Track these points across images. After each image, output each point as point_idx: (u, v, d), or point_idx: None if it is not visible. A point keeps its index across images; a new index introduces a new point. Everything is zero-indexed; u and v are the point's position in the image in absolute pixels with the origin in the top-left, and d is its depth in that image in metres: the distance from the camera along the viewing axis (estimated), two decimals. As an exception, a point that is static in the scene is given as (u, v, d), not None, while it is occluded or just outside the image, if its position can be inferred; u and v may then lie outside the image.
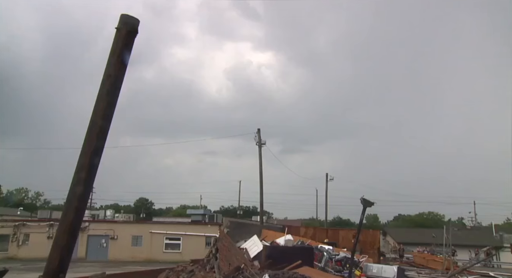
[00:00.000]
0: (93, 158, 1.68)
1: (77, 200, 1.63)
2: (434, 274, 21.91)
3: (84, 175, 1.65)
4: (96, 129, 1.69)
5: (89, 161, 1.66)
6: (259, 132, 36.10)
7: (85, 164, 1.66)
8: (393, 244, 50.96)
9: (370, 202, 11.27)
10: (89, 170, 1.66)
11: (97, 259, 32.63)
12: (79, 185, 1.64)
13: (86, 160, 1.66)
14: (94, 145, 1.68)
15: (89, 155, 1.67)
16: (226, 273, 12.69)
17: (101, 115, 1.72)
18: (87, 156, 1.67)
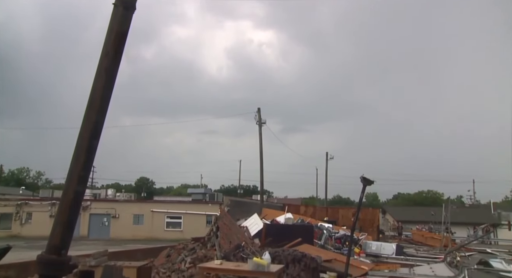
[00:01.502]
0: (93, 136, 1.66)
1: (77, 177, 1.62)
2: (432, 251, 22.17)
3: (83, 153, 1.63)
4: (95, 108, 1.67)
5: (88, 139, 1.64)
6: (259, 111, 36.02)
7: (84, 142, 1.64)
8: (392, 222, 51.43)
9: (370, 180, 11.26)
10: (88, 148, 1.64)
11: (99, 237, 33.00)
12: (78, 163, 1.63)
13: (86, 138, 1.64)
14: (93, 123, 1.65)
15: (88, 133, 1.65)
16: (226, 250, 12.84)
17: (100, 94, 1.69)
18: (86, 134, 1.65)
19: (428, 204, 66.36)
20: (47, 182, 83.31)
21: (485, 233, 35.78)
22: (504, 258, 19.62)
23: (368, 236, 23.08)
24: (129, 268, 8.50)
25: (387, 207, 71.35)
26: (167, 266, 12.74)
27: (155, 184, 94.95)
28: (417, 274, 11.96)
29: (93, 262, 9.49)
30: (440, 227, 30.66)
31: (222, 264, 7.70)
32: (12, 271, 9.82)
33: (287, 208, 25.94)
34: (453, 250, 19.39)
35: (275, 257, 10.52)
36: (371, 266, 13.94)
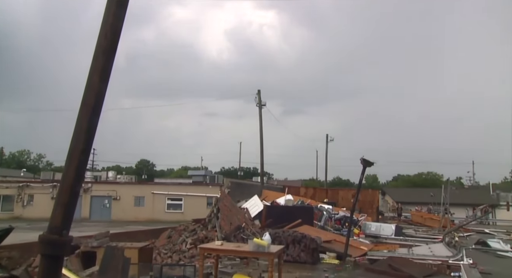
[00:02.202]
0: (92, 116, 1.65)
1: (77, 158, 1.62)
2: (431, 232, 22.38)
3: (83, 134, 1.63)
4: (94, 88, 1.66)
5: (87, 120, 1.64)
6: (259, 93, 35.86)
7: (83, 123, 1.64)
8: (391, 204, 51.75)
9: (370, 162, 11.32)
10: (88, 128, 1.64)
11: (100, 219, 33.24)
12: (78, 144, 1.62)
13: (85, 119, 1.64)
14: (92, 104, 1.65)
15: (87, 113, 1.64)
16: (227, 232, 12.96)
17: (99, 74, 1.68)
18: (85, 115, 1.64)
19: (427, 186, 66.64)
20: (48, 164, 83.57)
21: (484, 213, 36.02)
22: (502, 238, 19.83)
23: (367, 217, 23.27)
24: (131, 249, 8.60)
25: (387, 188, 71.70)
26: (168, 247, 12.88)
27: (155, 166, 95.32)
28: (416, 254, 12.09)
29: (95, 243, 9.60)
30: (439, 208, 30.87)
31: (222, 245, 7.76)
32: (15, 251, 9.92)
33: (287, 189, 26.06)
34: (451, 230, 19.57)
35: (275, 238, 10.63)
36: (370, 246, 14.09)
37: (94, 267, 8.49)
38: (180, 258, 11.39)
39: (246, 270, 9.44)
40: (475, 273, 8.67)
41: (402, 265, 9.77)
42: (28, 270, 8.17)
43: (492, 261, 12.31)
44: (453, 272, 9.49)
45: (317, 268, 10.36)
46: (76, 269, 8.83)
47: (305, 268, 10.19)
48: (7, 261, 9.04)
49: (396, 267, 9.55)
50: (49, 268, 1.63)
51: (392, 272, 9.23)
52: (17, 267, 8.87)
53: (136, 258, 8.51)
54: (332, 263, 10.99)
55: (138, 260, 8.63)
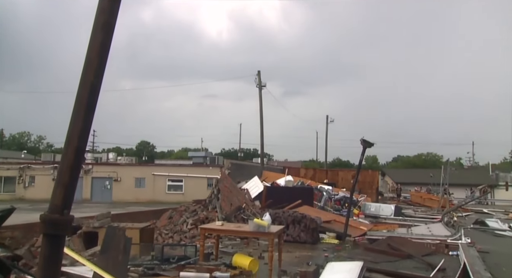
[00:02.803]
0: (91, 95, 1.64)
1: (76, 137, 1.62)
2: (430, 212, 22.54)
3: (82, 113, 1.62)
4: (92, 66, 1.64)
5: (86, 99, 1.63)
6: (259, 74, 35.65)
7: (82, 102, 1.63)
8: (391, 184, 51.99)
9: (370, 142, 11.32)
10: (87, 108, 1.63)
11: (102, 201, 33.43)
12: (77, 123, 1.62)
13: (84, 98, 1.63)
14: (91, 82, 1.63)
15: (86, 92, 1.63)
16: (227, 212, 13.05)
17: (97, 52, 1.66)
18: (84, 94, 1.63)
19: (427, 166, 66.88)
20: (48, 146, 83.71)
21: (483, 193, 36.22)
22: (500, 217, 19.98)
23: (367, 198, 23.41)
24: (132, 230, 8.68)
25: (387, 169, 71.96)
26: (169, 228, 12.99)
27: (155, 147, 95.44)
28: (415, 234, 12.20)
29: (96, 224, 9.69)
30: (438, 189, 31.03)
31: (223, 225, 7.83)
32: (18, 232, 10.02)
33: (287, 170, 26.13)
34: (450, 210, 19.70)
35: (275, 218, 10.71)
36: (369, 226, 14.21)
37: (96, 247, 8.60)
38: (181, 238, 11.50)
39: (246, 250, 9.54)
40: (473, 251, 8.76)
41: (401, 244, 9.87)
42: (31, 250, 8.27)
43: (490, 240, 12.43)
44: (451, 251, 9.59)
45: (317, 247, 10.47)
46: (78, 249, 8.93)
47: (305, 247, 10.29)
48: (10, 241, 9.14)
49: (395, 246, 9.65)
50: (51, 247, 1.65)
51: (391, 252, 9.33)
52: (20, 247, 8.96)
53: (138, 239, 8.60)
54: (331, 243, 11.10)
55: (140, 240, 8.72)
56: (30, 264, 6.91)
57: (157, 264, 7.14)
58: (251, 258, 7.36)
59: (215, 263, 7.41)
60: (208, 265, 7.13)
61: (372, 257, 8.67)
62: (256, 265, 7.23)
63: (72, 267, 6.22)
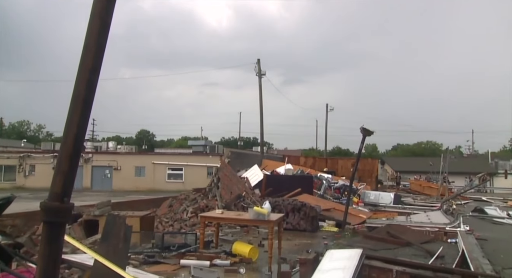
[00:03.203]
0: (90, 82, 1.63)
1: (75, 126, 1.61)
2: (429, 200, 22.63)
3: (81, 100, 1.61)
4: (91, 53, 1.63)
5: (85, 86, 1.62)
6: (259, 62, 35.46)
7: (81, 90, 1.62)
8: (390, 173, 52.11)
9: (369, 130, 11.32)
10: (85, 95, 1.62)
11: (102, 189, 33.52)
12: (76, 111, 1.61)
13: (82, 85, 1.62)
14: (89, 69, 1.62)
15: (85, 79, 1.62)
16: (227, 200, 13.10)
17: (95, 38, 1.64)
18: (83, 81, 1.62)
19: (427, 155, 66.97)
20: (48, 135, 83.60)
21: (482, 182, 36.32)
22: (499, 205, 20.07)
23: (366, 186, 23.48)
24: (133, 218, 8.71)
25: (386, 157, 72.04)
26: (170, 216, 13.05)
27: (155, 136, 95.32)
28: (414, 222, 12.26)
29: (97, 212, 9.73)
30: (438, 177, 31.12)
31: (223, 213, 7.86)
32: (19, 220, 10.07)
33: (287, 159, 26.18)
34: (449, 198, 19.78)
35: (275, 207, 10.75)
36: (369, 214, 14.27)
37: (97, 235, 8.64)
38: (181, 227, 11.55)
39: (246, 238, 9.59)
40: (471, 239, 8.81)
41: (400, 232, 9.92)
42: (32, 238, 8.31)
43: (489, 227, 12.50)
44: (450, 239, 9.65)
45: (316, 235, 10.52)
46: (79, 237, 8.98)
47: (304, 235, 10.35)
48: (11, 229, 9.18)
49: (394, 234, 9.70)
50: (51, 235, 1.65)
51: (390, 239, 9.38)
52: (21, 235, 9.01)
53: (138, 227, 8.64)
54: (331, 231, 11.15)
55: (140, 228, 8.76)
56: (31, 252, 6.96)
57: (157, 252, 7.19)
58: (251, 246, 7.40)
59: (215, 250, 7.46)
60: (208, 253, 7.18)
61: (371, 245, 8.72)
62: (256, 252, 7.28)
63: (73, 255, 6.26)
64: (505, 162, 53.19)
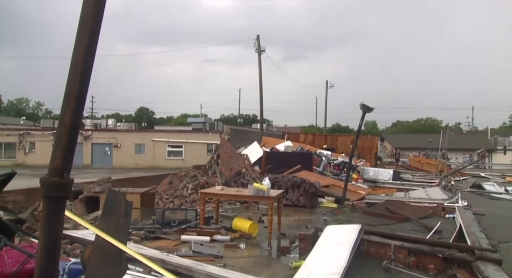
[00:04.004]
0: (87, 55, 1.61)
1: (73, 100, 1.60)
2: (428, 176, 22.75)
3: (78, 74, 1.60)
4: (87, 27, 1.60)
5: (82, 60, 1.60)
6: (258, 39, 35.06)
7: (78, 63, 1.60)
8: (390, 149, 52.25)
9: (369, 107, 11.27)
10: (83, 69, 1.60)
11: (102, 166, 33.68)
12: (74, 85, 1.59)
13: (80, 58, 1.60)
14: (86, 42, 1.60)
15: (82, 52, 1.60)
16: (227, 177, 13.17)
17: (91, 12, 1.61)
18: (80, 54, 1.60)
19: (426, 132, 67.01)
20: (47, 112, 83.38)
21: (480, 158, 36.45)
22: (497, 181, 20.19)
23: (366, 163, 23.57)
24: (133, 194, 8.77)
25: (386, 134, 72.12)
26: (170, 193, 13.15)
27: (155, 114, 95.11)
28: (412, 197, 12.35)
29: (97, 189, 9.79)
30: (437, 154, 31.21)
31: (223, 189, 7.91)
32: (21, 196, 10.16)
33: (287, 136, 26.20)
34: (448, 174, 19.88)
35: (275, 183, 10.81)
36: (368, 191, 14.37)
37: (98, 211, 8.72)
38: (182, 203, 11.65)
39: (246, 213, 9.67)
40: (469, 214, 8.89)
41: (398, 208, 10.00)
42: (34, 214, 8.39)
43: (486, 203, 12.60)
44: (447, 214, 9.74)
45: (315, 211, 10.61)
46: (80, 213, 9.06)
47: (304, 211, 10.43)
48: (13, 205, 9.27)
49: (392, 210, 9.78)
50: (52, 210, 1.66)
51: (388, 215, 9.47)
52: (23, 211, 9.10)
53: (139, 203, 8.70)
54: (330, 207, 11.24)
55: (141, 205, 8.83)
56: (33, 227, 7.03)
57: (158, 228, 7.26)
58: (251, 222, 7.47)
59: (215, 226, 7.53)
60: (209, 229, 7.25)
61: (370, 220, 8.81)
62: (255, 228, 7.35)
63: (75, 231, 6.34)
64: (504, 138, 53.25)
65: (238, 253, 6.22)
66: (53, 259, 1.66)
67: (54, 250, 1.67)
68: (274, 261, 5.98)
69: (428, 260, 5.52)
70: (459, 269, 5.31)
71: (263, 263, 5.79)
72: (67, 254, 4.88)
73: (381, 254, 5.87)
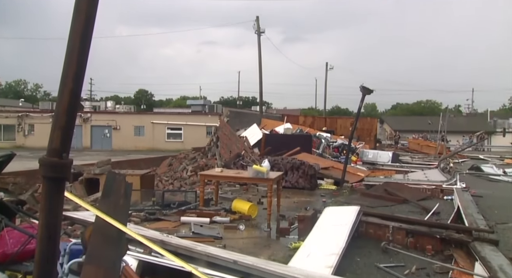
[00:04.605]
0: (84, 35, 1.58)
1: (71, 80, 1.58)
2: (427, 159, 22.81)
3: (76, 54, 1.58)
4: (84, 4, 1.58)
5: (79, 39, 1.57)
6: (257, 20, 34.69)
7: (75, 43, 1.58)
8: (389, 132, 52.26)
9: (369, 89, 11.22)
10: (80, 48, 1.58)
11: (102, 149, 33.71)
12: (71, 65, 1.57)
13: (77, 38, 1.57)
14: (83, 21, 1.57)
15: (79, 31, 1.57)
16: (227, 159, 13.20)
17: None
18: (77, 33, 1.58)
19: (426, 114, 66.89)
20: (45, 94, 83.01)
21: (480, 140, 36.48)
22: (495, 163, 20.25)
23: (365, 145, 23.59)
24: (133, 176, 8.80)
25: (385, 117, 72.02)
26: (170, 175, 13.19)
27: (154, 96, 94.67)
28: (411, 179, 12.41)
29: (97, 171, 9.81)
30: (436, 136, 31.22)
31: (222, 171, 7.93)
32: (21, 178, 10.19)
33: (286, 118, 26.16)
34: (447, 156, 19.93)
35: (274, 165, 10.84)
36: (367, 173, 14.42)
37: (98, 193, 8.75)
38: (181, 185, 11.70)
39: (245, 195, 9.72)
40: (467, 196, 8.94)
41: (397, 190, 10.05)
42: (34, 195, 8.43)
43: (485, 185, 12.67)
44: (446, 196, 9.80)
45: (314, 193, 10.67)
46: (81, 195, 9.10)
47: (303, 193, 10.49)
48: (13, 187, 9.30)
49: (391, 191, 9.84)
50: (52, 191, 1.66)
51: (387, 197, 9.52)
52: (23, 192, 9.14)
53: (138, 185, 8.73)
54: (329, 189, 11.29)
55: (140, 186, 8.85)
56: (34, 208, 7.07)
57: (158, 209, 7.30)
58: (250, 203, 7.52)
59: (215, 208, 7.57)
60: (208, 210, 7.30)
61: (368, 202, 8.86)
62: (255, 210, 7.40)
63: (75, 212, 6.37)
64: (504, 121, 53.20)
65: (237, 234, 6.27)
66: (54, 239, 1.67)
67: (54, 230, 1.68)
68: (273, 242, 6.03)
69: (426, 241, 5.57)
70: (456, 250, 5.36)
71: (263, 244, 5.84)
72: (68, 235, 4.92)
73: (380, 235, 5.93)
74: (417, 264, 4.87)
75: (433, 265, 4.86)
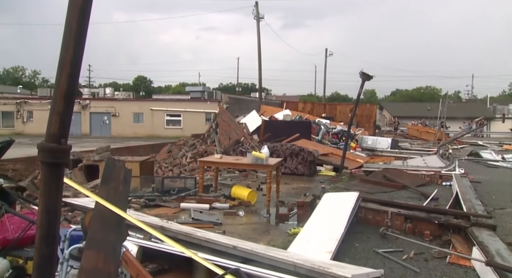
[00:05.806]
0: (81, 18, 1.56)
1: (69, 65, 1.57)
2: (426, 145, 22.82)
3: (73, 38, 1.56)
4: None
5: (76, 22, 1.56)
6: (256, 5, 34.36)
7: (72, 26, 1.56)
8: (389, 118, 52.22)
9: (369, 75, 11.18)
10: (77, 32, 1.56)
11: (101, 135, 33.71)
12: (69, 49, 1.56)
13: (73, 21, 1.56)
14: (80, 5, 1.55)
15: (76, 15, 1.56)
16: (226, 146, 13.20)
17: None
18: (74, 17, 1.56)
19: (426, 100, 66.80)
20: (44, 81, 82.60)
21: (479, 126, 36.48)
22: (494, 149, 20.28)
23: (364, 131, 23.59)
24: (132, 162, 8.81)
25: (385, 103, 71.88)
26: (169, 161, 13.20)
27: (153, 82, 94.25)
28: (410, 165, 12.43)
29: (97, 157, 9.82)
30: (435, 122, 31.22)
31: (222, 158, 7.94)
32: (20, 164, 10.20)
33: (286, 105, 26.11)
34: (446, 143, 19.96)
35: (273, 152, 10.85)
36: (366, 159, 14.45)
37: (97, 179, 8.77)
38: (181, 171, 11.71)
39: (245, 182, 9.75)
40: (466, 181, 8.97)
41: (396, 176, 10.08)
42: (34, 182, 8.45)
43: (483, 170, 12.70)
44: (444, 182, 9.83)
45: (314, 179, 10.70)
46: (80, 181, 9.13)
47: (302, 179, 10.53)
48: (13, 173, 9.31)
49: (390, 177, 9.86)
50: (50, 176, 1.65)
51: (386, 183, 9.55)
52: (23, 179, 9.15)
53: (138, 171, 8.75)
54: (328, 175, 11.32)
55: (140, 173, 8.87)
56: (34, 195, 7.09)
57: (158, 196, 7.32)
58: (249, 190, 7.54)
59: (214, 194, 7.60)
60: (208, 197, 7.32)
61: (367, 188, 8.89)
62: (254, 196, 7.42)
63: (75, 198, 6.39)
64: (504, 107, 53.15)
65: (237, 220, 6.30)
66: (53, 224, 1.67)
67: (54, 215, 1.68)
68: (273, 228, 6.07)
69: (424, 226, 5.61)
70: (454, 235, 5.40)
71: (262, 230, 5.88)
72: (68, 221, 4.94)
73: (378, 221, 5.96)
74: (416, 249, 4.91)
75: (431, 250, 4.90)
